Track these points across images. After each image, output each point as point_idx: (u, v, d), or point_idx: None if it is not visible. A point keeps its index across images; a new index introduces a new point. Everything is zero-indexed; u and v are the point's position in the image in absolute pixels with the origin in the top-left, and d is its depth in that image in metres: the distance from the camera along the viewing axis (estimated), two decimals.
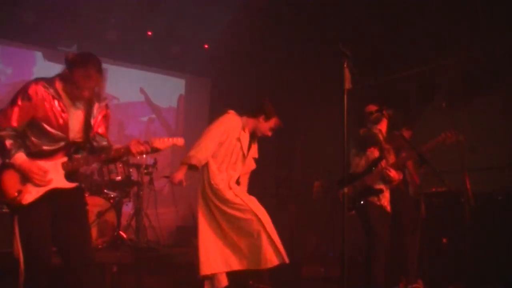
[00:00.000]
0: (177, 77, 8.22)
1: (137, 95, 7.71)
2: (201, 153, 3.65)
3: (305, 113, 7.13)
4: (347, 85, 2.59)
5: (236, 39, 6.86)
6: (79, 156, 2.79)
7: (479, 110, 5.41)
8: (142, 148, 2.78)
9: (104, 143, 2.92)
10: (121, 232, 5.23)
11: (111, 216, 5.19)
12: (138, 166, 5.68)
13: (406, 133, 4.23)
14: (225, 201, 3.61)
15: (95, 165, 5.27)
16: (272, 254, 3.50)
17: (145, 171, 5.74)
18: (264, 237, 3.51)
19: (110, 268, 4.22)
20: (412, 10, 5.58)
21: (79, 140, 2.78)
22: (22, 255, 2.60)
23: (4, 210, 4.33)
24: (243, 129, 3.84)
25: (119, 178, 5.38)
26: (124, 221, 5.59)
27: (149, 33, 7.06)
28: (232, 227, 3.60)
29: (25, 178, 2.61)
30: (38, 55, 6.98)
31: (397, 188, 4.19)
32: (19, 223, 2.63)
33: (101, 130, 2.92)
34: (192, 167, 3.66)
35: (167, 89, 8.00)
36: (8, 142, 2.60)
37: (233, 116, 3.87)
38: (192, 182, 3.97)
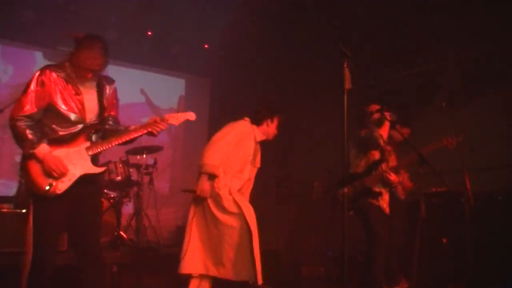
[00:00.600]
0: (177, 77, 8.22)
1: (138, 96, 7.71)
2: (220, 160, 3.63)
3: (305, 113, 7.12)
4: (347, 85, 2.59)
5: (236, 39, 6.86)
6: (98, 139, 2.82)
7: (479, 110, 5.40)
8: (161, 126, 2.85)
9: (116, 126, 2.96)
10: (121, 232, 5.23)
11: (111, 216, 5.19)
12: (138, 166, 5.67)
13: (405, 131, 4.25)
14: (221, 208, 3.59)
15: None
16: (248, 269, 3.48)
17: (145, 171, 5.73)
18: (246, 251, 3.50)
19: (110, 268, 4.22)
20: (412, 10, 5.58)
21: (95, 121, 2.80)
22: (31, 249, 2.60)
23: (4, 210, 4.34)
24: (255, 139, 3.86)
25: (119, 178, 5.38)
26: (124, 221, 5.59)
27: (149, 33, 7.06)
28: (218, 234, 3.58)
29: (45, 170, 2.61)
30: (38, 55, 6.98)
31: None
32: (35, 217, 2.63)
33: (113, 112, 2.96)
34: (213, 176, 3.65)
35: (167, 90, 8.00)
36: (29, 132, 2.60)
37: (249, 124, 3.88)
38: (192, 182, 3.96)
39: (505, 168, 4.88)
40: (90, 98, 2.80)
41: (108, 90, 2.90)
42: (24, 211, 4.25)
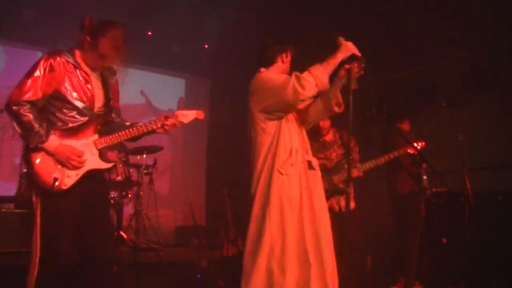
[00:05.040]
0: (177, 77, 8.22)
1: (137, 97, 7.69)
2: None
3: None
4: (353, 86, 2.59)
5: (236, 39, 6.86)
6: (106, 132, 2.68)
7: (479, 110, 5.41)
8: (171, 121, 2.78)
9: (119, 119, 2.85)
10: (121, 232, 5.22)
11: (111, 216, 5.18)
12: (138, 166, 5.67)
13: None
14: None
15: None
16: None
17: (145, 171, 5.73)
18: None
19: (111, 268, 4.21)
20: (413, 10, 5.58)
21: (102, 112, 2.68)
22: (39, 248, 2.41)
23: (4, 210, 4.33)
24: None
25: (119, 178, 5.37)
26: (124, 222, 5.58)
27: (149, 33, 7.06)
28: None
29: (59, 162, 2.46)
30: (38, 55, 6.98)
31: None
32: (42, 215, 2.45)
33: (116, 104, 2.85)
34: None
35: (167, 91, 7.99)
36: (35, 123, 2.42)
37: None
38: (192, 182, 3.96)
39: (505, 168, 4.89)
40: (98, 86, 2.66)
41: (111, 80, 2.78)
42: (25, 211, 4.24)
